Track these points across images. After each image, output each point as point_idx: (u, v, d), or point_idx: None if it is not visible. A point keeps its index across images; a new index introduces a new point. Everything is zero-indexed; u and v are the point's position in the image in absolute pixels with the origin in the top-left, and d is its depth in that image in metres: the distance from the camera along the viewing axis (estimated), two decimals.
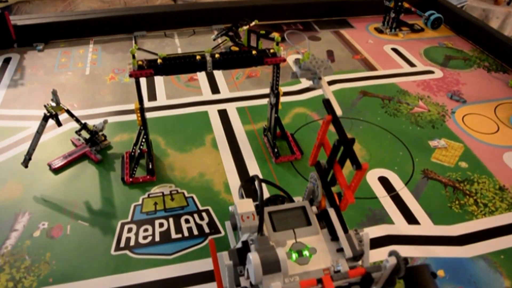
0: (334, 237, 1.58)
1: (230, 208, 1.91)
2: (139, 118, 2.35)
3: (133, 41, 4.09)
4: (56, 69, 3.64)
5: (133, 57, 2.14)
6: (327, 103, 1.71)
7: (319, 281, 1.39)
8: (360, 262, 1.54)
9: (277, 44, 2.33)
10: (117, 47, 4.00)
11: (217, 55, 2.24)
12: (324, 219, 1.71)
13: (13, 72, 3.59)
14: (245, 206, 1.58)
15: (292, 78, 1.95)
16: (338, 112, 1.68)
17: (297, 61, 1.82)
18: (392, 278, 1.48)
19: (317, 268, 1.51)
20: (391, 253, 1.46)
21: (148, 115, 3.04)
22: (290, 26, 4.47)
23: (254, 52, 2.30)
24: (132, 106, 3.15)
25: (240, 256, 1.55)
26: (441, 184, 2.56)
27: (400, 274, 1.46)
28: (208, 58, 2.22)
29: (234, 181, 2.52)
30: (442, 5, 4.59)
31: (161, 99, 3.25)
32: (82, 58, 3.81)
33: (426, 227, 2.30)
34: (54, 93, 2.43)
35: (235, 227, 1.87)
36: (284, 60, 2.34)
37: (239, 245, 1.59)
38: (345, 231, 1.58)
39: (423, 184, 2.56)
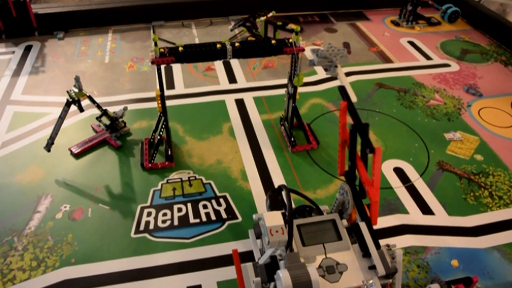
0: (365, 253, 1.56)
1: (254, 216, 1.83)
2: (160, 105, 2.39)
3: (151, 31, 4.13)
4: (76, 57, 3.70)
5: (155, 44, 2.18)
6: (342, 90, 1.76)
7: None
8: (391, 280, 1.52)
9: (296, 34, 2.36)
10: (136, 36, 4.04)
11: (237, 44, 2.27)
12: (354, 233, 1.67)
13: (34, 60, 3.66)
14: (274, 219, 1.46)
15: (310, 66, 1.98)
16: (353, 98, 1.72)
17: (314, 50, 1.87)
18: None
19: (348, 287, 1.49)
20: (434, 280, 1.45)
21: (167, 103, 3.05)
22: (306, 18, 4.48)
23: (273, 41, 2.33)
24: (151, 94, 3.21)
25: (268, 272, 1.53)
26: (456, 176, 2.58)
27: None
28: (229, 46, 2.25)
29: (251, 169, 2.56)
30: None
31: (179, 88, 3.29)
32: (101, 47, 3.87)
33: (441, 217, 2.32)
34: (77, 79, 2.49)
35: (258, 236, 1.85)
36: (303, 50, 2.37)
37: (266, 259, 1.56)
38: (378, 247, 1.55)
39: (438, 176, 2.58)
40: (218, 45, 2.25)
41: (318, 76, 3.46)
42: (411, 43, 4.05)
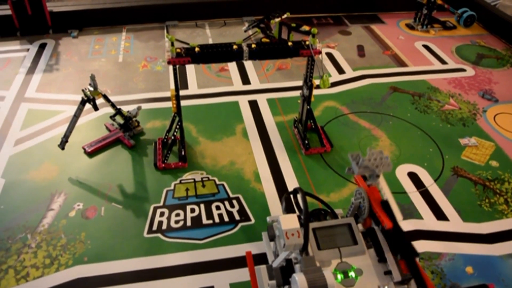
0: (381, 258, 1.55)
1: (268, 219, 1.90)
2: (174, 105, 2.39)
3: (165, 31, 4.14)
4: (90, 56, 3.72)
5: (172, 44, 2.18)
6: (385, 204, 1.65)
7: None
8: (406, 286, 1.51)
9: (313, 36, 2.34)
10: (149, 36, 4.05)
11: (253, 45, 2.26)
12: (370, 238, 1.67)
13: (48, 57, 3.68)
14: (290, 222, 1.46)
15: (347, 174, 1.88)
16: (399, 217, 1.59)
17: (355, 157, 1.67)
18: None
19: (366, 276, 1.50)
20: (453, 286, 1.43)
21: (181, 103, 3.09)
22: (320, 20, 4.47)
23: (290, 43, 2.32)
24: (164, 94, 3.21)
25: (283, 275, 1.52)
26: (471, 182, 2.55)
27: None
28: (245, 48, 2.24)
29: (265, 171, 2.55)
30: (475, 3, 4.52)
31: (193, 88, 3.29)
32: (115, 46, 3.88)
33: (455, 223, 2.29)
34: (93, 78, 2.49)
35: (272, 238, 1.86)
36: (320, 52, 2.35)
37: (281, 262, 1.56)
38: (416, 254, 1.52)
39: (452, 181, 2.55)
40: (235, 46, 2.25)
41: (332, 79, 3.44)
42: (426, 47, 4.02)
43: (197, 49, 2.21)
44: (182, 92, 3.20)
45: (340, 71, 3.58)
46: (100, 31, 4.15)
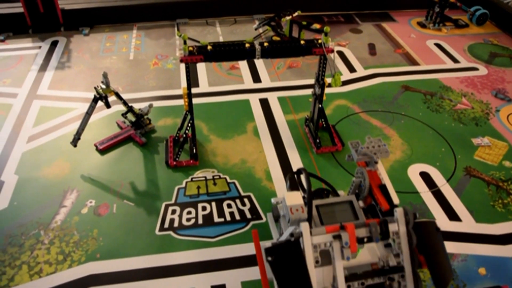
0: (385, 242, 1.60)
1: (273, 200, 1.99)
2: (186, 103, 2.40)
3: (176, 28, 4.14)
4: (102, 53, 3.73)
5: (185, 42, 2.18)
6: (383, 188, 1.75)
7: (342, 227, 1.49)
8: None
9: (326, 35, 2.33)
10: (160, 34, 4.06)
11: (266, 44, 2.26)
12: (370, 214, 1.77)
13: (60, 55, 3.69)
14: (294, 198, 1.58)
15: (348, 161, 1.94)
16: (396, 200, 1.69)
17: (355, 145, 1.79)
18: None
19: (365, 263, 1.56)
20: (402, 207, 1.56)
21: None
22: (331, 18, 4.45)
23: (302, 42, 2.31)
24: (175, 92, 3.21)
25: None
26: (484, 182, 2.53)
27: (410, 225, 1.54)
28: (257, 46, 2.24)
29: (276, 169, 2.55)
30: (488, 1, 4.47)
31: (204, 86, 3.29)
32: (126, 43, 3.89)
33: (468, 224, 2.27)
34: (105, 75, 2.50)
35: (277, 219, 1.98)
36: (332, 51, 2.34)
37: (286, 237, 1.61)
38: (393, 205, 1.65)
39: (465, 182, 2.53)
40: (247, 45, 2.24)
41: (343, 77, 3.42)
42: (438, 45, 3.99)
43: (209, 47, 2.21)
44: (193, 90, 3.18)
45: (351, 69, 3.56)
46: (111, 28, 4.16)
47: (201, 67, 3.52)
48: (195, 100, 3.06)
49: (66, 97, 3.16)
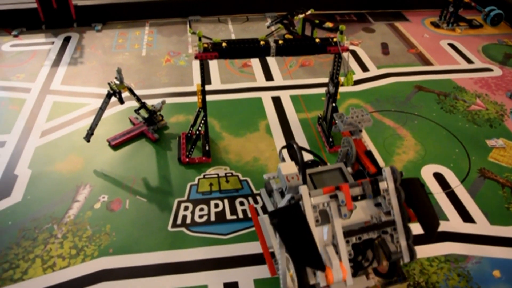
0: (375, 201, 1.77)
1: (265, 176, 2.06)
2: (200, 100, 2.39)
3: (188, 25, 4.14)
4: (114, 49, 3.74)
5: (200, 39, 2.17)
6: (369, 153, 1.92)
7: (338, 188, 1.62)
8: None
9: (341, 33, 2.32)
10: (172, 31, 4.06)
11: (280, 41, 2.25)
12: (359, 178, 1.89)
13: (73, 51, 3.71)
14: (289, 168, 1.71)
15: (334, 131, 2.13)
16: (381, 163, 1.86)
17: (340, 116, 1.96)
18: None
19: (359, 221, 1.71)
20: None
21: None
22: (343, 17, 4.43)
23: (317, 40, 2.30)
24: (187, 88, 3.21)
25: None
26: (498, 184, 2.50)
27: (398, 182, 1.69)
28: (272, 44, 2.23)
29: None
30: (503, 1, 4.42)
31: (216, 83, 3.29)
32: (138, 40, 3.90)
33: (482, 226, 2.25)
34: (119, 71, 2.51)
35: (270, 193, 2.14)
36: (347, 50, 2.33)
37: (285, 203, 1.72)
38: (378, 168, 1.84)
39: (479, 183, 2.51)
40: (262, 42, 2.23)
41: (356, 76, 3.40)
42: (452, 45, 3.95)
43: (224, 44, 2.21)
44: (205, 87, 3.21)
45: (364, 68, 3.54)
46: (124, 25, 4.17)
47: (213, 65, 3.51)
48: (207, 97, 3.06)
49: (79, 93, 3.17)
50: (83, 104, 3.04)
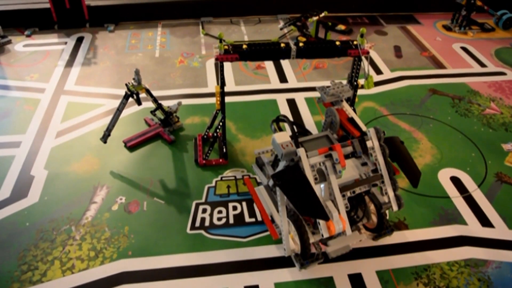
0: (360, 156, 2.03)
1: (255, 151, 2.39)
2: (218, 102, 2.38)
3: (200, 27, 4.14)
4: (127, 50, 3.74)
5: (220, 41, 2.17)
6: (351, 120, 2.16)
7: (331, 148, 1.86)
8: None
9: (362, 36, 2.31)
10: (185, 32, 4.06)
11: (301, 44, 2.24)
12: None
13: (86, 51, 3.71)
14: (282, 137, 1.86)
15: (319, 103, 2.35)
16: (363, 128, 2.10)
17: (323, 88, 2.22)
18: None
19: (350, 179, 1.93)
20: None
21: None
22: (355, 19, 4.42)
23: (337, 42, 2.29)
24: (202, 90, 3.21)
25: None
26: None
27: (382, 140, 1.96)
28: (293, 46, 2.22)
29: None
30: None
31: (230, 85, 3.28)
32: (151, 41, 3.89)
33: (501, 230, 2.24)
34: (137, 72, 2.50)
35: (261, 167, 2.38)
36: (368, 53, 2.32)
37: (281, 167, 1.90)
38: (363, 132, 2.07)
39: (497, 187, 2.49)
40: (282, 44, 2.22)
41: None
42: (464, 49, 3.95)
43: (244, 46, 2.20)
44: None
45: (378, 71, 3.53)
46: (136, 26, 4.17)
47: (227, 66, 3.50)
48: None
49: (93, 93, 3.17)
50: (97, 104, 3.04)
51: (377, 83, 3.38)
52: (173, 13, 4.23)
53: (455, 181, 2.53)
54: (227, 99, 3.09)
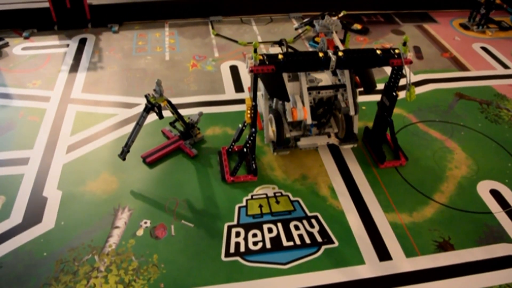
0: (334, 73, 2.49)
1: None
2: (249, 116, 2.20)
3: (210, 26, 3.92)
4: (135, 53, 3.51)
5: (255, 51, 1.98)
6: (337, 49, 2.46)
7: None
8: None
9: (404, 44, 2.15)
10: (194, 32, 3.83)
11: (340, 53, 2.07)
12: None
13: (90, 54, 3.47)
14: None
15: (314, 33, 2.87)
16: (340, 46, 2.51)
17: (316, 21, 2.63)
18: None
19: (326, 84, 2.42)
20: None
21: (238, 107, 2.90)
22: (370, 18, 4.25)
23: (378, 51, 2.12)
24: (220, 97, 3.01)
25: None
26: None
27: None
28: (332, 56, 2.05)
29: (340, 186, 2.37)
30: None
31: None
32: (159, 42, 3.67)
33: None
34: (158, 83, 2.29)
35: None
36: (411, 62, 2.17)
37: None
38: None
39: None
40: (321, 54, 2.05)
41: None
42: (485, 49, 3.81)
43: (280, 56, 2.02)
44: (239, 96, 3.02)
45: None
46: (141, 26, 3.93)
47: (243, 71, 3.31)
48: (241, 107, 2.88)
49: (103, 102, 2.95)
50: (109, 114, 2.83)
51: (402, 88, 3.22)
52: (180, 12, 4.00)
53: (495, 194, 2.40)
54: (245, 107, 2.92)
